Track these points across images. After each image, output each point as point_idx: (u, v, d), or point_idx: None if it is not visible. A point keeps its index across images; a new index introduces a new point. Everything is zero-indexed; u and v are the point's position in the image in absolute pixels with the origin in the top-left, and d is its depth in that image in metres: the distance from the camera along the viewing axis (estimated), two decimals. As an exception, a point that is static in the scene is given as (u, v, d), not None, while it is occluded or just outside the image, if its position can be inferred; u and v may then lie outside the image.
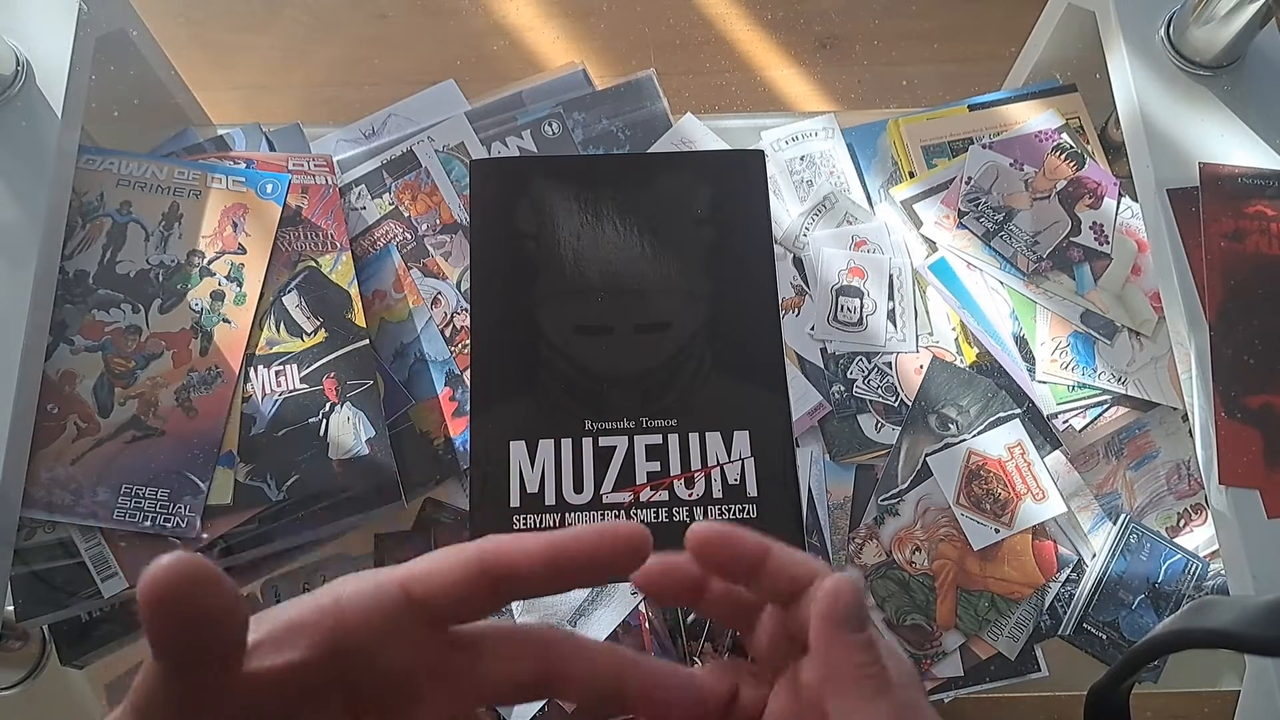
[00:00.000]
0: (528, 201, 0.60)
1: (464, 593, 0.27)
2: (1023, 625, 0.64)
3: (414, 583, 0.27)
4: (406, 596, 0.27)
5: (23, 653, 0.65)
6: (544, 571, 0.27)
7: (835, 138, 0.76)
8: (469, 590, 0.27)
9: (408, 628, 0.27)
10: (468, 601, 0.27)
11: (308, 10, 1.45)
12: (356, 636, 0.26)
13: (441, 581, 0.27)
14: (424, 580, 0.27)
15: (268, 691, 0.25)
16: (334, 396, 0.63)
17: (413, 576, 0.27)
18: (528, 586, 0.27)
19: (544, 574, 0.27)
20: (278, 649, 0.26)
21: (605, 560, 0.27)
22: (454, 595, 0.27)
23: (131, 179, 0.67)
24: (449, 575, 0.27)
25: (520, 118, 0.75)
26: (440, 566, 0.27)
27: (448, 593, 0.27)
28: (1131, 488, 0.68)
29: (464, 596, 0.27)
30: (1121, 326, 0.68)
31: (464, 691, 0.28)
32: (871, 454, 0.68)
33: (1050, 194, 0.72)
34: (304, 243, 0.67)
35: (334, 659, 0.26)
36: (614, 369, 0.56)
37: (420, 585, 0.27)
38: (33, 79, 0.64)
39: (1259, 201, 0.62)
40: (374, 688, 0.27)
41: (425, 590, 0.27)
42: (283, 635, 0.26)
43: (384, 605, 0.27)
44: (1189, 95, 0.64)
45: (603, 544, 0.27)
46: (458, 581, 0.27)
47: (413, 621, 0.27)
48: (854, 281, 0.71)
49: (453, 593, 0.27)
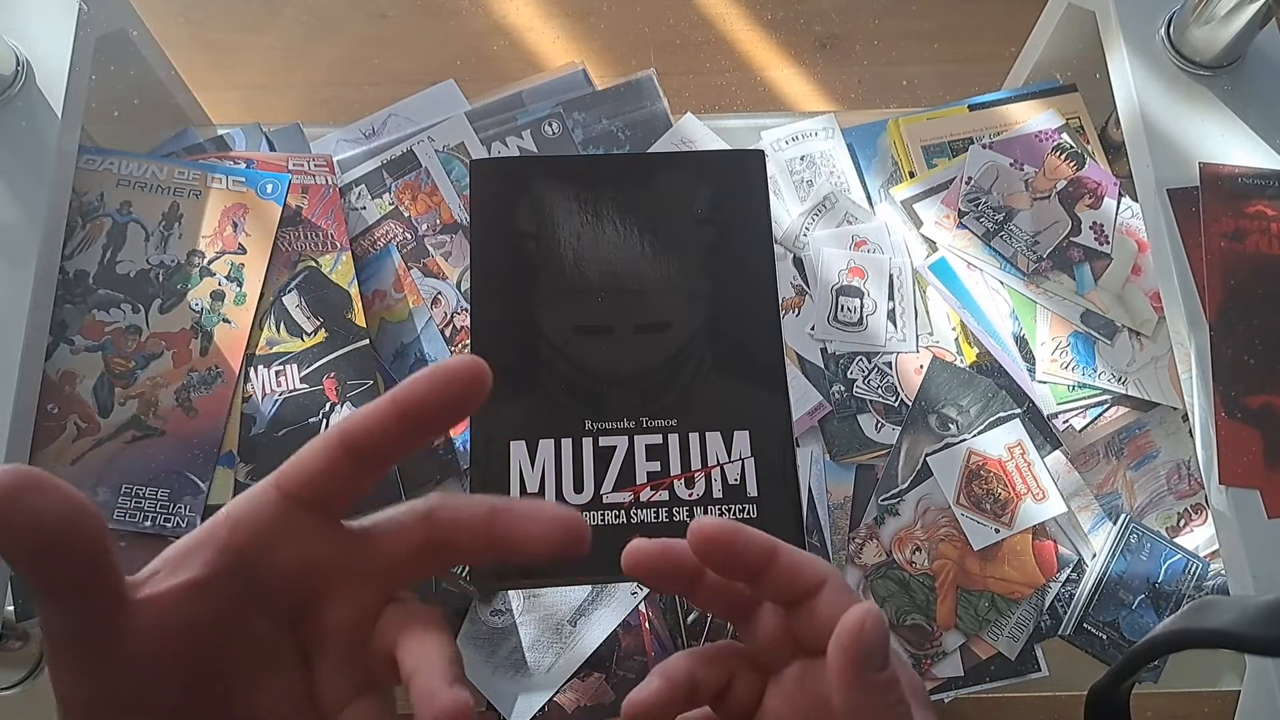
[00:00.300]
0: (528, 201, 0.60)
1: (330, 472, 0.27)
2: (1023, 625, 0.64)
3: (284, 478, 0.28)
4: (282, 494, 0.27)
5: (23, 653, 0.65)
6: (395, 425, 0.27)
7: (835, 138, 0.76)
8: (333, 467, 0.27)
9: (294, 525, 0.28)
10: (335, 479, 0.28)
11: (308, 10, 1.45)
12: (248, 545, 0.27)
13: (308, 468, 0.27)
14: (293, 473, 0.28)
15: (172, 614, 0.25)
16: (334, 396, 0.63)
17: (282, 473, 0.28)
18: (384, 445, 0.27)
19: (396, 427, 0.27)
20: (173, 572, 0.26)
21: (446, 396, 0.27)
22: (322, 478, 0.27)
23: (131, 179, 0.67)
24: (313, 460, 0.27)
25: (520, 118, 0.75)
26: (304, 454, 0.28)
27: (316, 477, 0.27)
28: (1132, 488, 0.68)
29: (331, 475, 0.27)
30: (1122, 326, 0.68)
31: (368, 577, 0.28)
32: (871, 454, 0.68)
33: (1050, 194, 0.72)
34: (304, 243, 0.67)
35: (232, 570, 0.26)
36: (614, 369, 0.56)
37: (290, 479, 0.28)
38: (33, 79, 0.64)
39: (1259, 201, 0.62)
40: (280, 592, 0.27)
41: (296, 481, 0.27)
42: (177, 559, 0.26)
43: (264, 508, 0.27)
44: (1189, 95, 0.64)
45: (436, 380, 0.27)
46: (321, 463, 0.27)
47: (296, 517, 0.28)
48: (854, 281, 0.71)
49: (320, 476, 0.27)
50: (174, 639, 0.25)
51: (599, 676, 0.63)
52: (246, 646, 0.27)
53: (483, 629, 0.64)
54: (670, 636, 0.64)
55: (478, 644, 0.64)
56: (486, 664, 0.63)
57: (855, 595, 0.31)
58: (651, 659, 0.63)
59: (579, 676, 0.63)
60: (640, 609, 0.64)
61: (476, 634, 0.64)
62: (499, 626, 0.64)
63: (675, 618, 0.64)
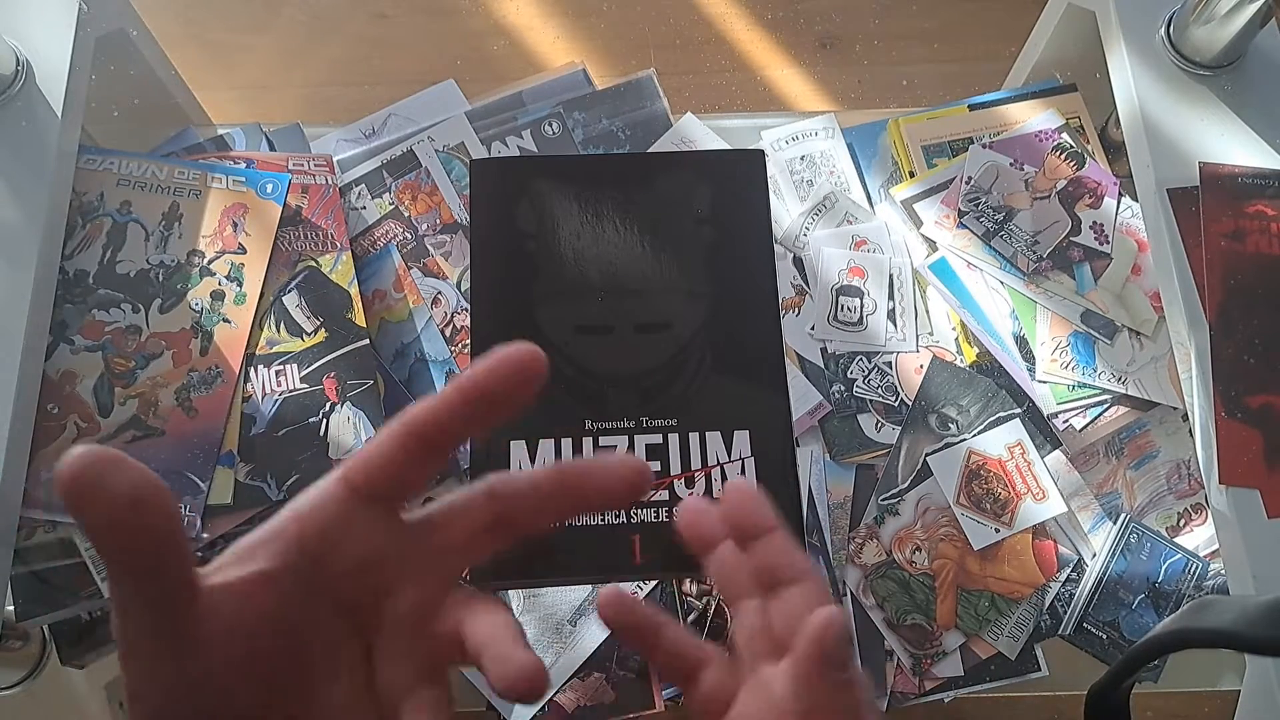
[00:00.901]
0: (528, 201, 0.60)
1: (396, 461, 0.28)
2: (1023, 625, 0.64)
3: (351, 471, 0.28)
4: (349, 486, 0.28)
5: (23, 653, 0.65)
6: (461, 409, 0.28)
7: (835, 137, 0.76)
8: (400, 456, 0.28)
9: (359, 518, 0.28)
10: (401, 468, 0.28)
11: (308, 10, 1.45)
12: (314, 538, 0.27)
13: (375, 459, 0.28)
14: (360, 465, 0.28)
15: (242, 604, 0.26)
16: (334, 396, 0.63)
17: (349, 466, 0.28)
18: (450, 431, 0.28)
19: (461, 412, 0.28)
20: (241, 563, 0.27)
21: (507, 380, 0.28)
22: (388, 468, 0.28)
23: (131, 179, 0.67)
24: (380, 451, 0.28)
25: (520, 118, 0.75)
26: (370, 447, 0.28)
27: (383, 467, 0.28)
28: (1131, 487, 0.68)
29: (396, 465, 0.28)
30: (1122, 326, 0.68)
31: (432, 565, 0.29)
32: (871, 454, 0.68)
33: (1050, 194, 0.72)
34: (304, 242, 0.67)
35: (298, 563, 0.27)
36: (614, 369, 0.56)
37: (358, 471, 0.28)
38: (33, 79, 0.64)
39: (1259, 201, 0.62)
40: (346, 584, 0.28)
41: (363, 473, 0.28)
42: (245, 552, 0.27)
43: (330, 502, 0.28)
44: (1189, 95, 0.64)
45: (497, 365, 0.28)
46: (387, 453, 0.28)
47: (361, 510, 0.28)
48: (854, 281, 0.71)
49: (387, 466, 0.28)
50: (245, 629, 0.26)
51: (599, 676, 0.63)
52: (313, 638, 0.27)
53: (483, 629, 0.64)
54: (670, 636, 0.64)
55: (478, 644, 0.64)
56: (486, 664, 0.63)
57: (831, 599, 0.33)
58: (651, 659, 0.63)
59: (579, 676, 0.63)
60: (640, 609, 0.64)
61: (476, 634, 0.64)
62: (499, 626, 0.64)
63: (675, 618, 0.64)
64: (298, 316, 0.65)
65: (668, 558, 0.51)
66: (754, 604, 0.34)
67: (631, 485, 0.29)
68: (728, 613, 0.64)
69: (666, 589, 0.65)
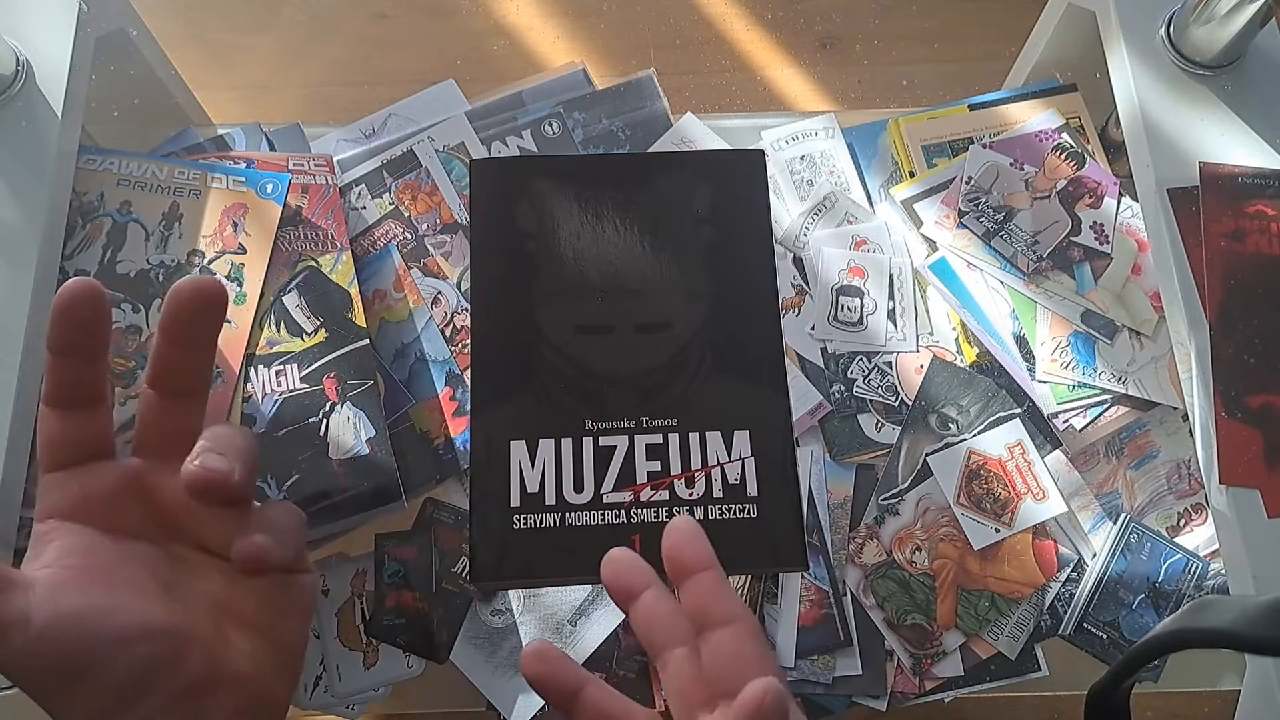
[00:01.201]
0: (528, 201, 0.60)
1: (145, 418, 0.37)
2: (1023, 625, 0.64)
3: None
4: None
5: (23, 653, 0.65)
6: (163, 347, 0.35)
7: (835, 137, 0.76)
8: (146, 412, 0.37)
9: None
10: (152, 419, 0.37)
11: (308, 10, 1.45)
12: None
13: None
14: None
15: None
16: (334, 396, 0.63)
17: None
18: (165, 367, 0.36)
19: (164, 348, 0.35)
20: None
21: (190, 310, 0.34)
22: (143, 426, 0.37)
23: (131, 179, 0.67)
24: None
25: (520, 118, 0.75)
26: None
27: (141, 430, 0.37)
28: (1132, 487, 0.68)
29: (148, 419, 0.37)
30: (1122, 326, 0.68)
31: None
32: (872, 454, 0.68)
33: (1050, 193, 0.72)
34: (304, 242, 0.67)
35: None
36: (614, 369, 0.56)
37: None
38: (33, 79, 0.64)
39: (1259, 201, 0.62)
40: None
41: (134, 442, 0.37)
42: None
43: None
44: (1189, 95, 0.64)
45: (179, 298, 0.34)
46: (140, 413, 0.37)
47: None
48: (854, 281, 0.71)
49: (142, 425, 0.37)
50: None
51: (599, 676, 0.63)
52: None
53: (483, 629, 0.64)
54: (670, 636, 0.64)
55: (478, 644, 0.64)
56: (486, 664, 0.63)
57: (764, 646, 0.34)
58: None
59: (579, 676, 0.62)
60: (640, 609, 0.64)
61: (476, 634, 0.64)
62: (499, 626, 0.64)
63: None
64: (298, 316, 0.65)
65: (668, 558, 0.51)
66: (681, 653, 0.34)
67: None
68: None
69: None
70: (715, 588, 0.33)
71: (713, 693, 0.33)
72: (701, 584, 0.33)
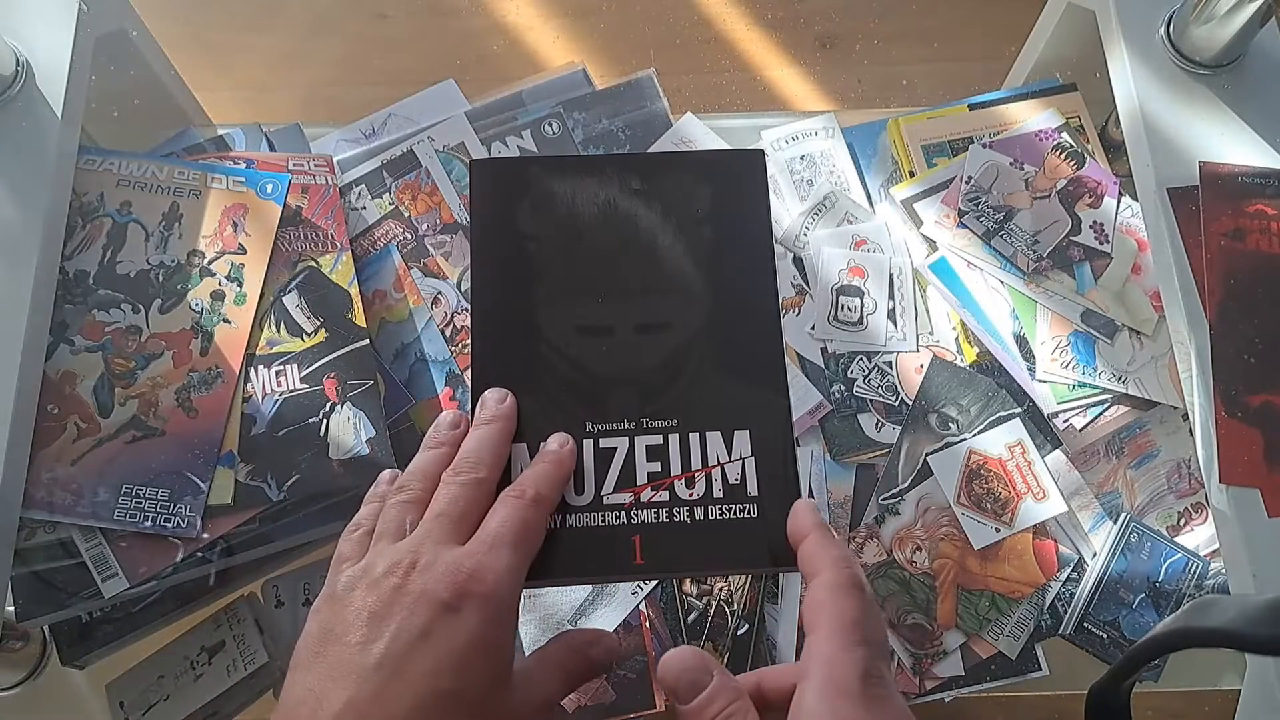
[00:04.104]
0: (528, 201, 0.60)
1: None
2: (1023, 624, 0.64)
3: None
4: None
5: (23, 653, 0.65)
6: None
7: (835, 137, 0.76)
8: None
9: None
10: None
11: (308, 10, 1.45)
12: None
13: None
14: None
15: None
16: (334, 396, 0.63)
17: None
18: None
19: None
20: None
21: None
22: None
23: (131, 179, 0.67)
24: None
25: (520, 118, 0.75)
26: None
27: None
28: (1132, 487, 0.68)
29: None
30: (1122, 325, 0.68)
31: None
32: (872, 453, 0.68)
33: (1050, 193, 0.72)
34: (304, 243, 0.67)
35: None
36: (615, 369, 0.56)
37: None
38: (33, 79, 0.64)
39: (1259, 200, 0.62)
40: None
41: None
42: None
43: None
44: (1189, 94, 0.64)
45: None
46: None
47: None
48: (854, 281, 0.71)
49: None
50: None
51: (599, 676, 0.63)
52: None
53: (483, 629, 0.64)
54: (671, 636, 0.64)
55: (478, 644, 0.64)
56: (487, 664, 0.63)
57: (851, 591, 0.38)
58: (652, 658, 0.63)
59: (579, 676, 0.62)
60: (640, 609, 0.64)
61: (477, 634, 0.64)
62: (499, 626, 0.64)
63: (676, 617, 0.64)
64: (298, 316, 0.65)
65: (669, 558, 0.50)
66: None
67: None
68: (727, 612, 0.64)
69: (667, 589, 0.65)
70: (818, 547, 0.42)
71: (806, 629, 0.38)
72: (808, 545, 0.43)
